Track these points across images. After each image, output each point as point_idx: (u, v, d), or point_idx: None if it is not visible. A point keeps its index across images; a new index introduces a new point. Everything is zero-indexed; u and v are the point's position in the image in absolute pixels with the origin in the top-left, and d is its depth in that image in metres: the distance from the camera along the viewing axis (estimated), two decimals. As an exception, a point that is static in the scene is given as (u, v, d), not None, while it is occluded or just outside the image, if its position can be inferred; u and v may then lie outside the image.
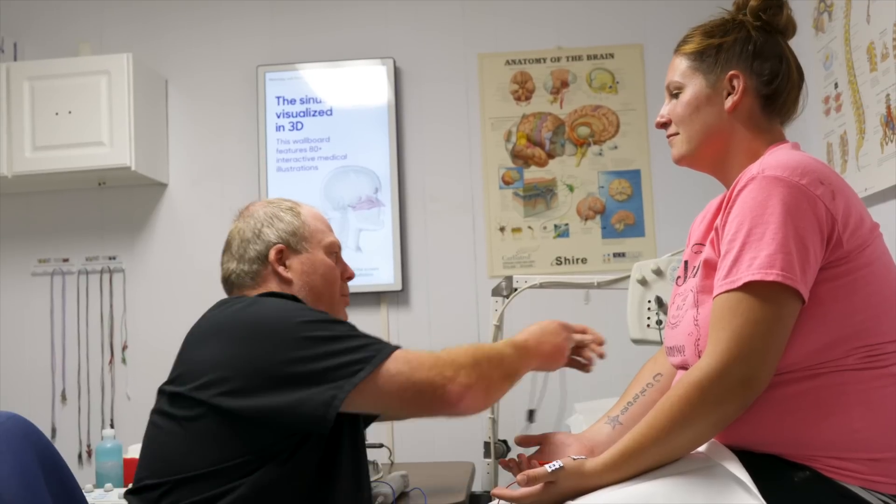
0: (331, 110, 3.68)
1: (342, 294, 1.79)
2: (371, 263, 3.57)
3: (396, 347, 1.52)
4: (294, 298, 1.63)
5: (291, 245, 1.72)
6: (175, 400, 1.54)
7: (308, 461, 1.51)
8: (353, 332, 1.54)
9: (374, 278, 3.56)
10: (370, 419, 1.79)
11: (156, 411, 1.60)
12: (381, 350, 1.50)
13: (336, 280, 1.76)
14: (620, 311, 2.45)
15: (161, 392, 1.60)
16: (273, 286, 1.69)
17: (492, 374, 1.55)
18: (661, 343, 2.28)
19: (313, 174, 3.65)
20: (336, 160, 3.64)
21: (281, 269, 1.69)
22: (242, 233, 1.75)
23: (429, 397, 1.49)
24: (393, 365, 1.48)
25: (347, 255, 1.87)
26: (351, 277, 1.82)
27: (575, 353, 1.81)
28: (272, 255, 1.70)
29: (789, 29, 1.58)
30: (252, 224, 1.75)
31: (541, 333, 1.73)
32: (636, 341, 2.36)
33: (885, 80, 2.35)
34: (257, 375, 1.47)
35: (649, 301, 2.36)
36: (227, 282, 1.75)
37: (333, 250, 1.78)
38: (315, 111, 3.68)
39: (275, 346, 1.48)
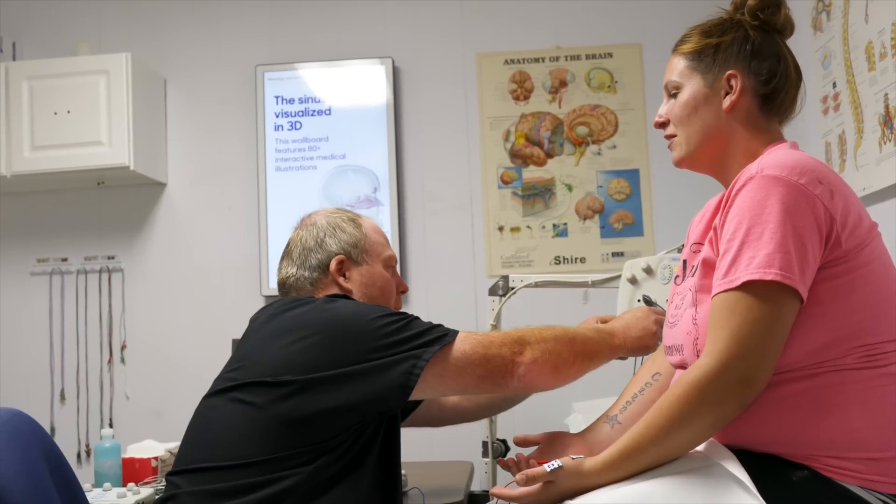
0: (329, 110, 3.68)
1: (396, 307, 1.83)
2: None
3: (461, 331, 1.60)
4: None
5: (352, 256, 1.76)
6: (248, 388, 1.56)
7: (363, 454, 1.57)
8: (422, 321, 1.61)
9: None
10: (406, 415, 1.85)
11: (217, 394, 1.62)
12: (450, 331, 1.59)
13: (392, 293, 1.82)
14: (616, 310, 2.45)
15: (226, 379, 1.62)
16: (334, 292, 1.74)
17: (561, 351, 1.62)
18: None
19: (312, 174, 3.65)
20: (335, 160, 3.65)
21: (341, 279, 1.74)
22: (304, 241, 1.78)
23: (500, 371, 1.57)
24: (463, 342, 1.57)
25: None
26: (405, 291, 1.88)
27: None
28: (333, 265, 1.74)
29: (787, 28, 1.58)
30: (315, 233, 1.78)
31: (629, 318, 1.80)
32: None
33: (884, 80, 2.35)
34: (342, 374, 1.52)
35: (638, 300, 2.35)
36: (284, 286, 1.80)
37: (391, 264, 1.83)
38: (314, 111, 3.68)
39: (356, 343, 1.54)
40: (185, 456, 1.60)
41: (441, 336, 1.57)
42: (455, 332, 1.59)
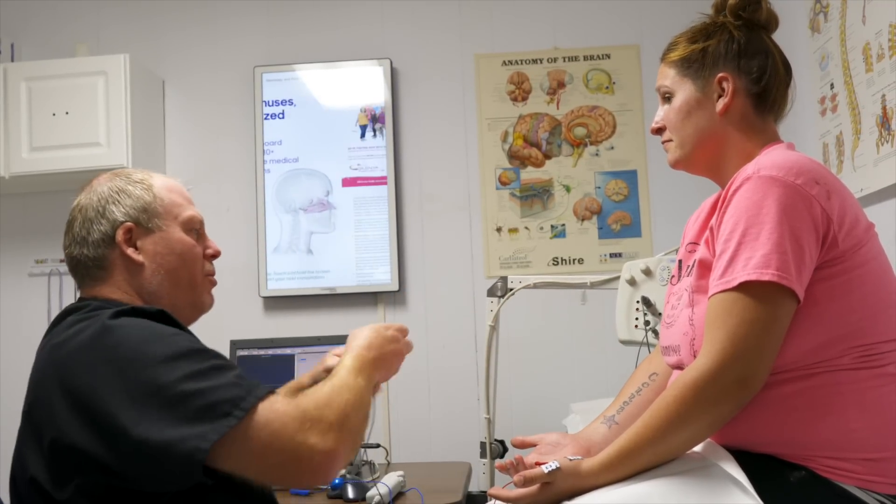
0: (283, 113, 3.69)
1: (206, 274, 1.57)
2: (367, 263, 3.57)
3: (270, 391, 1.26)
4: (157, 313, 1.37)
5: (142, 223, 1.49)
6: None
7: None
8: (222, 364, 1.28)
9: (371, 278, 3.57)
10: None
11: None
12: (252, 390, 1.23)
13: (197, 259, 1.55)
14: (615, 311, 2.45)
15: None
16: (122, 274, 1.48)
17: (360, 426, 1.32)
18: (647, 343, 2.29)
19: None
20: (288, 163, 3.66)
21: (131, 251, 1.47)
22: (85, 211, 1.51)
23: (294, 465, 1.22)
24: (263, 415, 1.21)
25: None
26: (216, 255, 1.60)
27: None
28: (120, 235, 1.47)
29: (771, 23, 1.58)
30: (95, 200, 1.51)
31: (380, 345, 1.49)
32: (624, 342, 2.36)
33: (881, 81, 2.36)
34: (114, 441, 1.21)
35: (637, 301, 2.35)
36: (74, 271, 1.52)
37: (193, 226, 1.56)
38: (274, 115, 3.69)
39: (125, 405, 1.21)
40: None
41: (238, 398, 1.21)
42: (260, 395, 1.23)
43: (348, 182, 3.61)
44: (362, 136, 3.64)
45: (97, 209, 1.49)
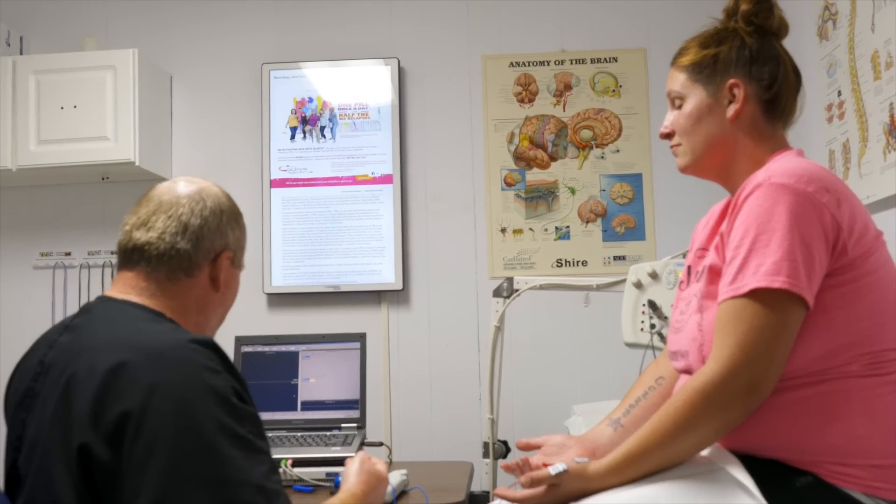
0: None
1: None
2: (372, 261, 3.58)
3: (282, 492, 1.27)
4: (209, 344, 1.31)
5: (236, 258, 1.51)
6: None
7: None
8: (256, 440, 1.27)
9: (375, 277, 3.58)
10: None
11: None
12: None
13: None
14: (619, 313, 2.45)
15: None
16: (196, 290, 1.45)
17: None
18: (652, 347, 2.29)
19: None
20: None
21: (219, 277, 1.47)
22: (205, 216, 1.45)
23: None
24: None
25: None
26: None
27: None
28: (225, 259, 1.47)
29: (782, 30, 1.58)
30: (219, 212, 1.48)
31: (376, 486, 1.66)
32: (629, 345, 2.36)
33: (889, 89, 2.36)
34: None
35: (643, 304, 2.35)
36: (164, 258, 1.42)
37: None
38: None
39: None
40: None
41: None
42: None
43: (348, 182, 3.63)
44: (292, 137, 3.67)
45: (218, 219, 1.47)
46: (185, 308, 1.45)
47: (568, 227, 3.62)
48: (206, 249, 1.44)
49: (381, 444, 2.61)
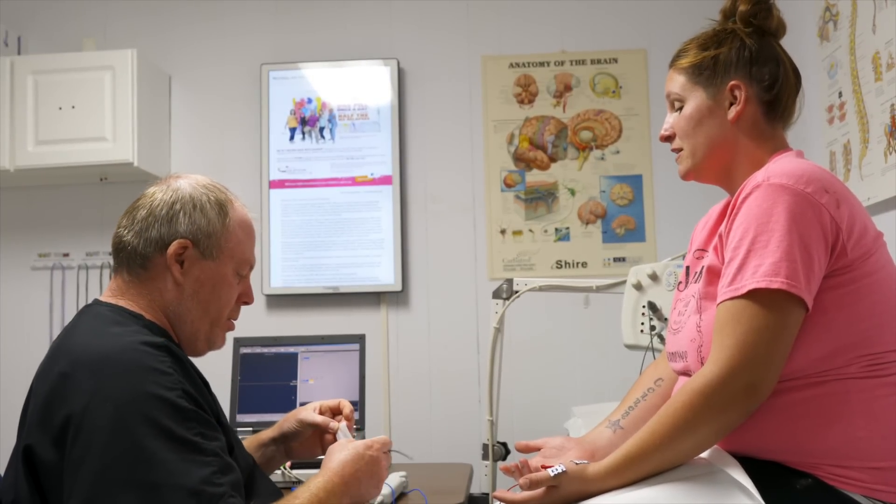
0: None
1: (229, 318, 1.56)
2: (371, 263, 3.58)
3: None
4: (161, 346, 1.34)
5: (200, 246, 1.45)
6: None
7: None
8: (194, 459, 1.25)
9: (374, 278, 3.57)
10: None
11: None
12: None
13: (230, 303, 1.52)
14: (619, 315, 2.45)
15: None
16: (158, 283, 1.44)
17: None
18: (652, 349, 2.28)
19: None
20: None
21: (175, 267, 1.43)
22: (155, 206, 1.45)
23: None
24: None
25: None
26: (248, 303, 1.58)
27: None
28: (172, 248, 1.43)
29: (780, 30, 1.58)
30: (170, 200, 1.46)
31: (353, 472, 1.47)
32: (629, 346, 2.35)
33: (890, 90, 2.36)
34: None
35: (643, 306, 2.35)
36: (117, 254, 1.47)
37: (243, 272, 1.53)
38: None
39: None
40: None
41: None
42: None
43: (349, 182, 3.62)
44: (291, 138, 3.66)
45: (168, 210, 1.45)
46: (160, 305, 1.46)
47: (568, 228, 3.61)
48: (152, 240, 1.43)
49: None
